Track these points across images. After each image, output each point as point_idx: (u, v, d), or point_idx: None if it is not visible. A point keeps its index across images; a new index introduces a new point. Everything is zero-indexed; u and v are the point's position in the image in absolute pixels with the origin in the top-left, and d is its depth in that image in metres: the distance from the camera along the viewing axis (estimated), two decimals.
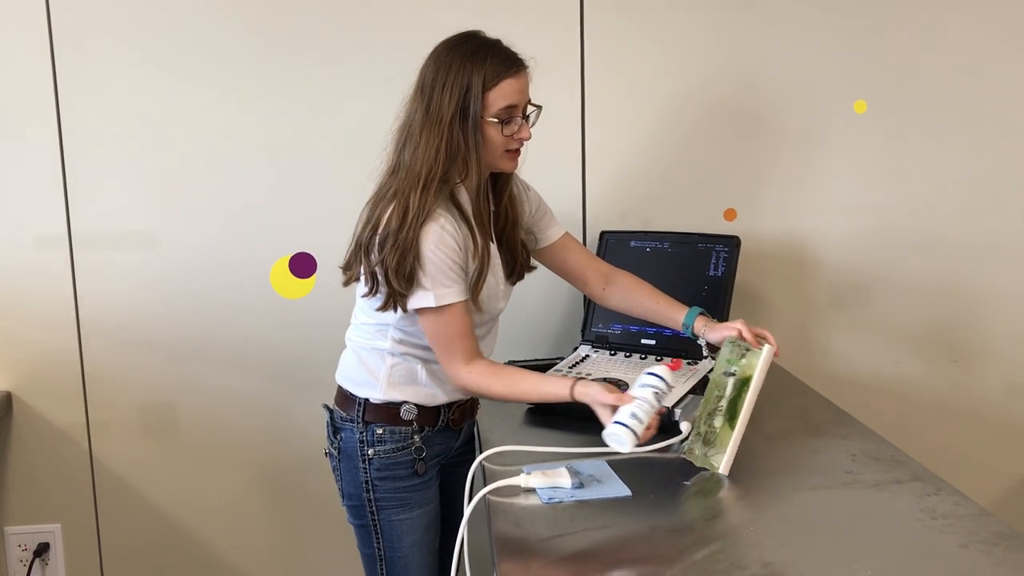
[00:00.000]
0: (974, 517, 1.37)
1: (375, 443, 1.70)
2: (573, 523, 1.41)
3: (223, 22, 2.18)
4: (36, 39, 2.15)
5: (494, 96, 1.58)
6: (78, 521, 2.33)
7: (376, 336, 1.70)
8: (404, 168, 1.61)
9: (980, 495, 1.52)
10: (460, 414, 1.78)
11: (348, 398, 1.74)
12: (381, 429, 1.70)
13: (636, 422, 1.52)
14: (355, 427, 1.71)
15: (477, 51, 1.59)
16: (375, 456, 1.70)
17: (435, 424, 1.74)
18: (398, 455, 1.71)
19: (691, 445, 1.62)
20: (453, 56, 1.59)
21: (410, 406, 1.70)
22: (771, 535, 1.35)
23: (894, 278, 2.37)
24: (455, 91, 1.57)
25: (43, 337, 2.26)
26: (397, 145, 1.64)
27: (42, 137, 2.19)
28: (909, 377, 2.41)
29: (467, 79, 1.57)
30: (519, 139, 1.65)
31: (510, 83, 1.60)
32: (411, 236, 1.56)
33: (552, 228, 1.87)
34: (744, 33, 2.27)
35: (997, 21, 2.28)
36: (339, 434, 1.74)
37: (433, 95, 1.59)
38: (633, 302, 1.88)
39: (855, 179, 2.33)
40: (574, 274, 1.90)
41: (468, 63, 1.58)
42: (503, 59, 1.60)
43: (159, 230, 2.24)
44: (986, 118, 2.32)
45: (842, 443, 1.72)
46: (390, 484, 1.71)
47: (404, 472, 1.71)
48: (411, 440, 1.71)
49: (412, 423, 1.71)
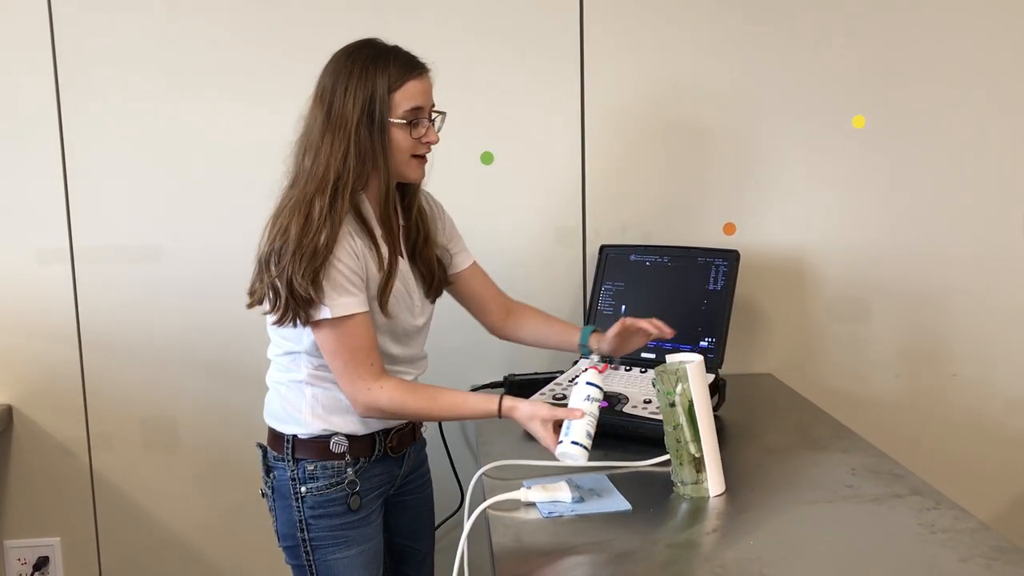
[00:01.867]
0: (974, 531, 1.37)
1: (307, 480, 1.64)
2: (573, 537, 1.41)
3: (223, 37, 2.20)
4: (39, 54, 2.17)
5: (400, 98, 1.57)
6: (78, 535, 2.33)
7: (290, 368, 1.66)
8: (305, 176, 1.57)
9: (980, 509, 1.52)
10: (399, 440, 1.72)
11: (277, 436, 1.68)
12: (312, 465, 1.64)
13: (588, 440, 1.54)
14: (286, 465, 1.65)
15: (379, 55, 1.58)
16: (308, 494, 1.64)
17: (371, 454, 1.68)
18: (331, 491, 1.65)
19: (676, 481, 1.57)
20: (354, 61, 1.58)
21: (340, 438, 1.64)
22: (771, 549, 1.35)
23: (894, 292, 2.37)
24: (359, 95, 1.55)
25: (44, 350, 2.26)
26: (297, 157, 1.61)
27: (44, 150, 2.20)
28: (909, 391, 2.41)
29: (371, 82, 1.55)
30: (426, 142, 1.63)
31: (415, 84, 1.59)
32: (317, 242, 1.51)
33: (462, 255, 1.84)
34: (745, 49, 2.28)
35: (993, 37, 2.30)
36: (271, 472, 1.69)
37: (334, 100, 1.56)
38: (530, 330, 1.90)
39: (854, 193, 2.34)
40: (477, 303, 1.88)
41: (371, 66, 1.57)
42: (405, 61, 1.60)
43: (160, 243, 2.25)
44: (984, 132, 2.33)
45: (842, 457, 1.72)
46: (325, 522, 1.65)
47: (339, 508, 1.65)
48: (344, 474, 1.65)
49: (344, 455, 1.65)
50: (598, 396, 1.57)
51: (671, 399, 1.54)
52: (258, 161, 2.23)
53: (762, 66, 2.29)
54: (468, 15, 2.22)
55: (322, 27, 2.19)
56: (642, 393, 1.92)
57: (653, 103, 2.29)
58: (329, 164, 1.56)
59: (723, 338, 2.04)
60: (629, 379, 2.02)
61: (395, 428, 1.72)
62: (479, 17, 2.23)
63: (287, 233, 1.53)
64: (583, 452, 1.53)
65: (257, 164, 2.23)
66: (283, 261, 1.52)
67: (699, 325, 2.07)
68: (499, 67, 2.25)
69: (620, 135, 2.30)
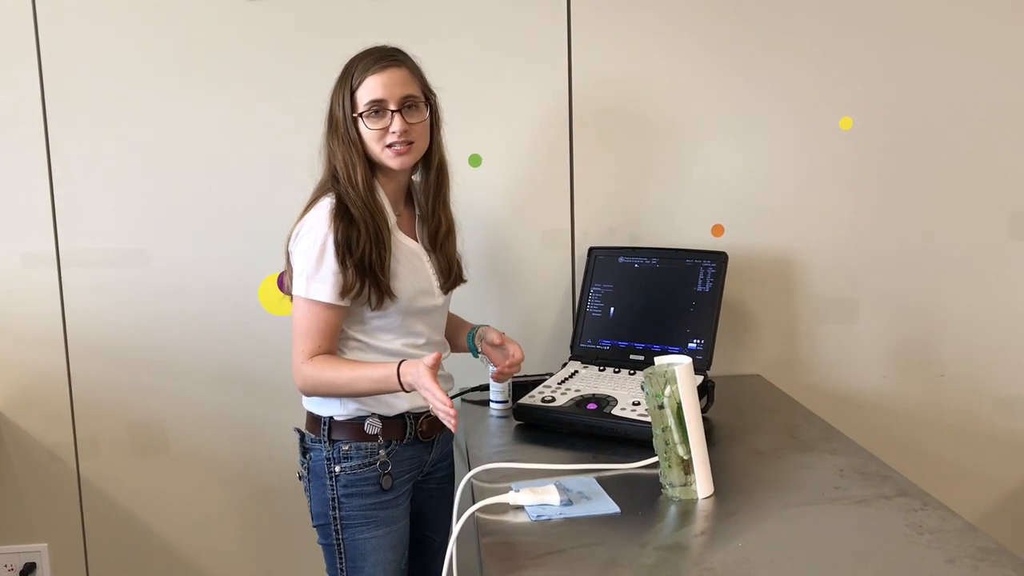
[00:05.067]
0: (960, 532, 1.38)
1: (341, 460, 1.73)
2: (562, 540, 1.41)
3: (212, 41, 2.19)
4: (24, 57, 2.16)
5: (361, 94, 1.68)
6: (65, 540, 2.32)
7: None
8: (323, 173, 1.76)
9: (967, 510, 1.52)
10: (429, 425, 1.80)
11: (314, 419, 1.77)
12: (347, 446, 1.73)
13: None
14: (322, 446, 1.75)
15: (359, 58, 1.71)
16: (342, 473, 1.73)
17: (403, 437, 1.76)
18: (364, 471, 1.73)
19: (664, 483, 1.57)
20: (344, 68, 1.72)
21: (374, 420, 1.74)
22: (759, 551, 1.35)
23: (882, 293, 2.38)
24: (339, 96, 1.70)
25: (30, 355, 2.25)
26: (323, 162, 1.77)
27: (30, 155, 2.19)
28: (897, 391, 2.42)
29: (347, 83, 1.70)
30: (392, 132, 1.68)
31: (375, 79, 1.67)
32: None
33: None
34: (733, 50, 2.28)
35: (982, 38, 2.31)
36: (308, 454, 1.78)
37: (332, 105, 1.73)
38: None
39: (842, 195, 2.35)
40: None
41: (348, 68, 1.71)
42: (374, 58, 1.69)
43: (147, 248, 2.24)
44: (972, 133, 2.34)
45: (830, 458, 1.72)
46: (356, 501, 1.73)
47: (371, 488, 1.73)
48: (377, 455, 1.73)
49: (377, 437, 1.74)
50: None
51: (659, 401, 1.54)
52: (246, 165, 2.24)
53: (751, 68, 2.29)
54: (455, 16, 2.22)
55: (310, 31, 2.19)
56: (630, 395, 1.92)
57: (641, 104, 2.30)
58: (330, 161, 1.73)
59: (711, 340, 2.04)
60: (617, 381, 2.02)
61: (425, 413, 1.77)
62: (466, 18, 2.23)
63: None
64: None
65: (245, 168, 2.24)
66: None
67: (687, 327, 2.07)
68: (486, 69, 2.25)
69: (608, 137, 2.30)
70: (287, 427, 2.30)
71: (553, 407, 1.93)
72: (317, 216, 1.69)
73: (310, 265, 1.67)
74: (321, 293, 1.67)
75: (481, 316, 2.09)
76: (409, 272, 1.74)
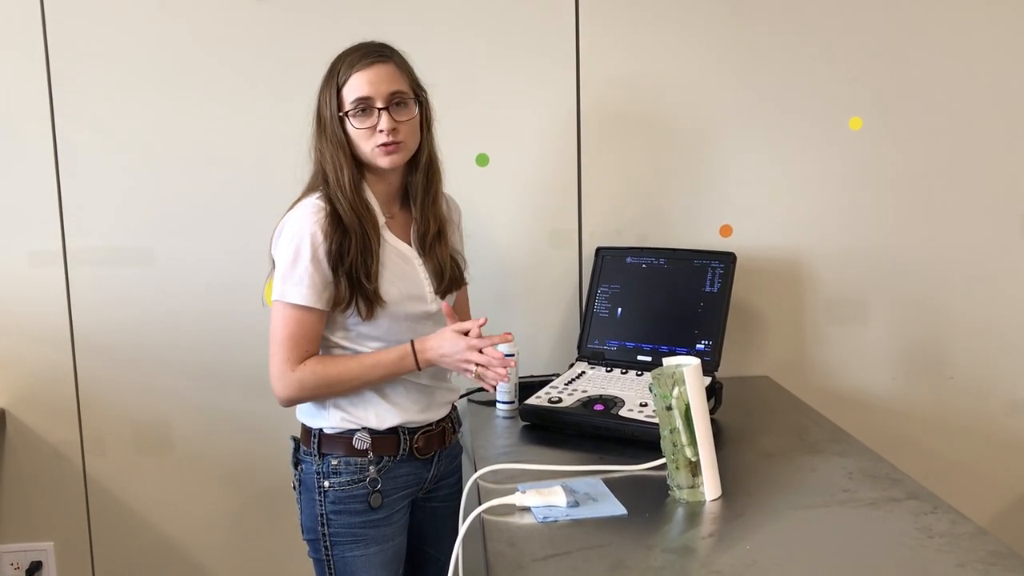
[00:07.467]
0: (971, 536, 1.37)
1: (330, 475, 1.67)
2: (568, 542, 1.40)
3: (218, 41, 2.19)
4: (31, 57, 2.16)
5: (346, 92, 1.63)
6: (71, 539, 2.32)
7: None
8: (311, 174, 1.71)
9: (977, 513, 1.51)
10: (425, 442, 1.72)
11: (306, 430, 1.73)
12: (336, 460, 1.67)
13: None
14: (313, 459, 1.69)
15: (344, 55, 1.66)
16: (330, 488, 1.67)
17: (396, 453, 1.69)
18: (353, 488, 1.67)
19: (672, 485, 1.56)
20: (330, 66, 1.67)
21: (363, 434, 1.67)
22: (767, 554, 1.34)
23: (891, 294, 2.37)
24: (327, 95, 1.65)
25: (37, 354, 2.25)
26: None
27: (37, 153, 2.19)
28: (906, 393, 2.40)
29: (333, 81, 1.64)
30: (380, 131, 1.61)
31: (360, 76, 1.62)
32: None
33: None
34: (742, 50, 2.27)
35: (990, 38, 2.29)
36: (300, 466, 1.73)
37: (319, 105, 1.67)
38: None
39: (852, 195, 2.33)
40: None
41: (334, 66, 1.66)
42: (360, 54, 1.64)
43: (154, 246, 2.24)
44: (982, 133, 2.32)
45: (839, 461, 1.71)
46: (345, 519, 1.67)
47: (359, 506, 1.67)
48: (367, 472, 1.67)
49: (367, 453, 1.67)
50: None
51: (667, 402, 1.53)
52: (253, 163, 2.24)
53: (760, 68, 2.28)
54: (463, 16, 2.22)
55: (315, 29, 2.18)
56: (638, 396, 1.91)
57: (649, 104, 2.29)
58: (319, 161, 1.68)
59: (719, 341, 2.03)
60: (625, 382, 2.01)
61: (421, 428, 1.72)
62: (474, 18, 2.22)
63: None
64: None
65: (252, 166, 2.24)
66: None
67: (695, 328, 2.06)
68: (494, 68, 2.24)
69: (616, 136, 2.29)
70: (292, 428, 2.31)
71: (560, 408, 1.92)
72: (295, 217, 1.64)
73: (285, 267, 1.61)
74: (296, 295, 1.60)
75: (488, 316, 2.07)
76: (396, 276, 1.66)
